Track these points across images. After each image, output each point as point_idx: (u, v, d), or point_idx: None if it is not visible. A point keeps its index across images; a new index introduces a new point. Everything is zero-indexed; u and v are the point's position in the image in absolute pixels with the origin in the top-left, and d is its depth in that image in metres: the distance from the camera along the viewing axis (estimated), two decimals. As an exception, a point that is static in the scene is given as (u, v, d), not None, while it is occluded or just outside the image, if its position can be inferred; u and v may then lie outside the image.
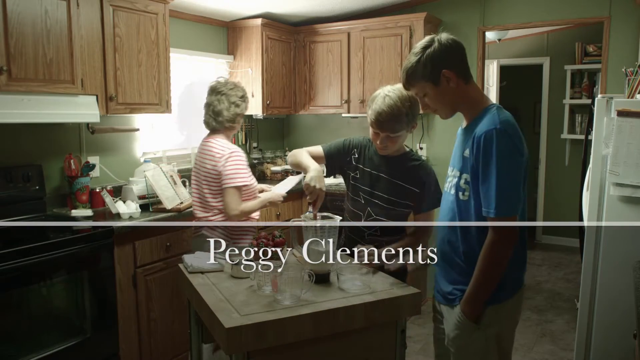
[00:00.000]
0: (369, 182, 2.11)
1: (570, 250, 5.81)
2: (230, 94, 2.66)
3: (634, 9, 3.59)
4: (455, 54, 1.65)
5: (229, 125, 2.68)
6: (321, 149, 2.20)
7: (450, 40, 1.65)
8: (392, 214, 2.08)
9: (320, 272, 1.79)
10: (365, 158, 2.14)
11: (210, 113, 2.68)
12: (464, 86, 1.67)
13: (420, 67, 1.64)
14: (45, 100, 2.52)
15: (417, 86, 1.69)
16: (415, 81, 1.68)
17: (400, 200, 2.07)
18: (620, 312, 2.65)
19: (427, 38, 1.67)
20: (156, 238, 2.85)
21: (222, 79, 2.78)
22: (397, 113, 1.91)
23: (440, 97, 1.67)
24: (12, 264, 2.18)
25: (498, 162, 1.52)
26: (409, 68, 1.67)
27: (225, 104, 2.64)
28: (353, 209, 2.17)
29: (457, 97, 1.67)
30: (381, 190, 2.09)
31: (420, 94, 1.71)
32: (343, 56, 4.23)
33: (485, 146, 1.54)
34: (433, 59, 1.62)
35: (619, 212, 2.62)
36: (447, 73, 1.63)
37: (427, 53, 1.63)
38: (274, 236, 2.02)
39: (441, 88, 1.65)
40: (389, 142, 2.00)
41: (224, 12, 3.88)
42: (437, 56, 1.62)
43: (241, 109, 2.71)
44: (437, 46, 1.63)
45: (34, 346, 2.30)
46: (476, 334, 1.65)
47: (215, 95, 2.67)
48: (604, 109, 2.65)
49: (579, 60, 5.74)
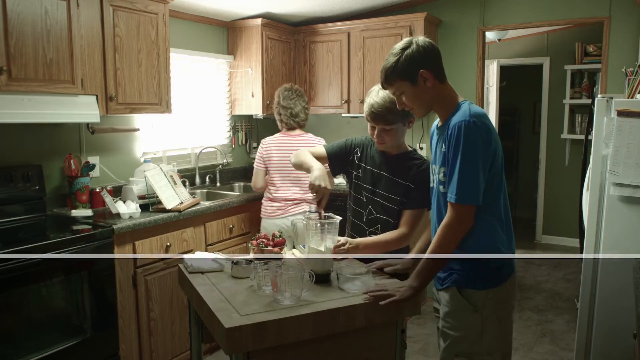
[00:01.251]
0: (371, 180, 2.13)
1: (570, 250, 5.81)
2: (302, 98, 3.39)
3: (634, 9, 3.59)
4: (432, 56, 1.72)
5: (303, 122, 3.40)
6: (324, 149, 2.23)
7: (427, 43, 1.73)
8: (393, 212, 2.08)
9: (321, 272, 1.79)
10: (367, 157, 2.17)
11: (288, 115, 3.33)
12: (439, 86, 1.75)
13: (399, 67, 1.71)
14: (45, 100, 2.52)
15: (395, 85, 1.76)
16: (394, 80, 1.74)
17: (400, 197, 2.07)
18: (620, 312, 2.65)
19: (406, 40, 1.74)
20: (156, 238, 2.85)
21: (288, 85, 3.43)
22: (390, 105, 1.95)
23: (416, 96, 1.75)
24: (12, 264, 2.18)
25: (463, 152, 1.62)
26: (388, 68, 1.73)
27: (300, 106, 3.35)
28: (355, 207, 2.19)
29: (432, 96, 1.75)
30: (382, 188, 2.10)
31: (397, 93, 1.78)
32: (343, 56, 4.23)
33: (457, 136, 1.63)
34: (411, 59, 1.70)
35: (619, 212, 2.62)
36: (425, 73, 1.70)
37: (406, 53, 1.70)
38: (274, 236, 2.03)
39: (418, 87, 1.72)
40: (385, 136, 2.04)
41: (224, 12, 3.88)
42: (415, 57, 1.70)
43: (308, 109, 3.48)
44: (415, 47, 1.70)
45: (34, 346, 2.30)
46: (473, 316, 1.72)
47: (290, 100, 3.33)
48: (604, 109, 2.65)
49: (579, 60, 5.74)
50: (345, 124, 4.66)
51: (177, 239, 2.98)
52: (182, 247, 3.01)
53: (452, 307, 1.75)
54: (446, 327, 1.78)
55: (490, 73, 5.48)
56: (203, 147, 3.99)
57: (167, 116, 3.49)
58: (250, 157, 4.54)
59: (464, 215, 1.65)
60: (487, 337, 1.72)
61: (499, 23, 4.04)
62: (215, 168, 4.11)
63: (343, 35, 4.21)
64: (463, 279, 1.74)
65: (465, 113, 1.65)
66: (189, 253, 2.69)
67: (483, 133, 1.63)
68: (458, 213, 1.65)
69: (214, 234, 3.27)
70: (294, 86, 3.46)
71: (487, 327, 1.72)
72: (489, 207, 1.71)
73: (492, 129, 1.67)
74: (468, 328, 1.73)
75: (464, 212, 1.65)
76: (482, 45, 4.11)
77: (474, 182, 1.63)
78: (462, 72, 4.18)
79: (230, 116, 4.31)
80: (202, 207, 3.16)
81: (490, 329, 1.72)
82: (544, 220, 6.23)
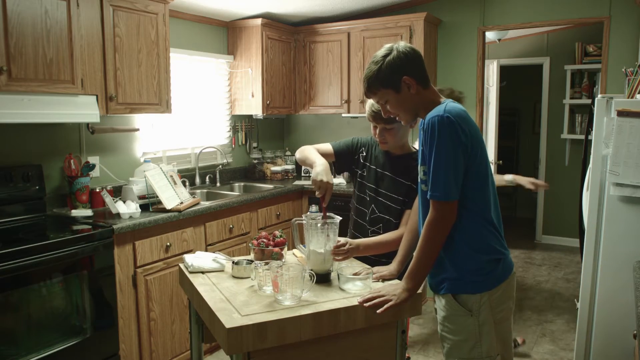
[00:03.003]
0: (374, 179, 2.15)
1: (570, 250, 5.81)
2: None
3: (634, 9, 3.59)
4: (414, 61, 1.70)
5: None
6: (330, 146, 2.24)
7: (408, 48, 1.71)
8: (395, 212, 2.09)
9: (320, 271, 1.79)
10: (372, 156, 2.19)
11: None
12: (423, 91, 1.72)
13: (381, 75, 1.69)
14: (45, 100, 2.52)
15: (378, 94, 1.74)
16: (377, 89, 1.72)
17: (403, 198, 2.08)
18: (620, 312, 2.65)
19: (386, 46, 1.72)
20: (156, 238, 2.85)
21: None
22: None
23: (401, 103, 1.73)
24: (12, 264, 2.18)
25: (437, 148, 1.60)
26: (370, 76, 1.71)
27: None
28: (358, 205, 2.21)
29: (417, 102, 1.73)
30: (385, 188, 2.12)
31: (382, 101, 1.76)
32: (343, 56, 4.23)
33: (430, 132, 1.61)
34: (393, 66, 1.67)
35: (619, 212, 2.63)
36: (407, 80, 1.68)
37: (387, 60, 1.68)
38: (274, 236, 2.03)
39: (402, 94, 1.70)
40: (387, 135, 2.05)
41: (224, 12, 3.88)
42: (397, 63, 1.67)
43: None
44: (396, 54, 1.68)
45: (34, 346, 2.30)
46: (470, 320, 1.70)
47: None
48: (604, 109, 2.65)
49: (579, 60, 5.74)
50: (345, 124, 4.66)
51: (177, 239, 2.98)
52: (182, 247, 3.01)
53: (449, 312, 1.74)
54: (445, 332, 1.77)
55: (490, 73, 5.48)
56: (203, 147, 3.99)
57: (167, 116, 3.49)
58: (250, 157, 4.54)
59: (445, 211, 1.63)
60: (486, 340, 1.70)
61: (499, 23, 4.04)
62: (215, 168, 4.11)
63: (343, 35, 4.21)
64: (455, 285, 1.72)
65: (439, 109, 1.62)
66: (189, 253, 2.69)
67: (457, 127, 1.59)
68: (438, 210, 1.63)
69: (214, 234, 3.27)
70: None
71: (485, 330, 1.70)
72: (476, 206, 1.68)
73: (468, 124, 1.63)
74: (466, 332, 1.71)
75: (443, 208, 1.63)
76: (482, 45, 4.12)
77: (448, 178, 1.60)
78: (462, 72, 4.18)
79: (230, 116, 4.31)
80: (202, 207, 3.16)
81: (488, 332, 1.71)
82: (544, 220, 6.24)
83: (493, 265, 1.72)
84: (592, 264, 2.75)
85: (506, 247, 1.78)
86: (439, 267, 1.74)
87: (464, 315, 1.71)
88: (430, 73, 4.14)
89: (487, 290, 1.71)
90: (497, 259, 1.73)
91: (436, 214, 1.64)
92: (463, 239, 1.69)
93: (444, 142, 1.59)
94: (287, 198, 3.96)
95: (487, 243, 1.71)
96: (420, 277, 1.70)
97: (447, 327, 1.76)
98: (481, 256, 1.70)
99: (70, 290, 2.47)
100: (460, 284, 1.71)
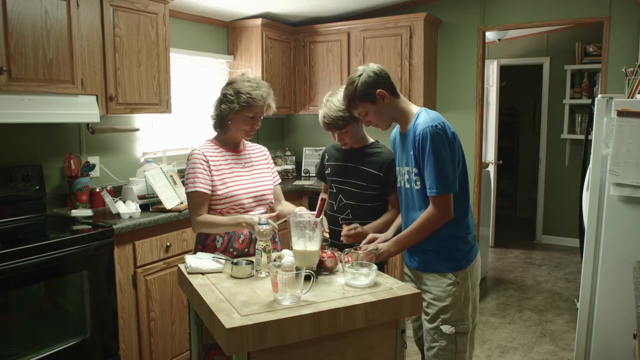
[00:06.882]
0: (338, 173, 2.37)
1: (570, 250, 5.81)
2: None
3: (634, 9, 3.59)
4: (382, 77, 2.01)
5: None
6: (322, 182, 2.51)
7: (377, 68, 2.03)
8: (359, 197, 2.29)
9: (308, 267, 1.79)
10: (332, 156, 2.43)
11: None
12: (395, 101, 2.05)
13: (358, 91, 2.00)
14: (45, 100, 2.52)
15: (358, 108, 2.04)
16: (356, 104, 2.03)
17: (366, 183, 2.29)
18: (620, 312, 2.66)
19: (358, 69, 2.04)
20: (156, 238, 2.85)
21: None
22: (337, 112, 2.18)
23: (378, 113, 2.04)
24: (12, 264, 2.18)
25: (433, 153, 1.90)
26: (349, 95, 2.03)
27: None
28: (329, 200, 2.41)
29: (391, 110, 2.05)
30: (349, 176, 2.33)
31: (362, 114, 2.06)
32: (343, 56, 4.23)
33: (423, 142, 1.92)
34: (367, 83, 1.99)
35: (619, 212, 2.63)
36: (381, 92, 1.99)
37: (361, 79, 1.99)
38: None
39: (378, 105, 2.02)
40: (345, 137, 2.27)
41: (224, 12, 3.88)
42: (370, 81, 1.99)
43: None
44: (367, 73, 2.00)
45: (34, 346, 2.30)
46: (457, 289, 2.00)
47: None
48: (604, 109, 2.65)
49: (579, 60, 5.75)
50: (345, 124, 4.65)
51: (177, 239, 2.98)
52: (182, 247, 3.01)
53: (437, 283, 2.01)
54: (433, 299, 2.01)
55: (490, 73, 5.48)
56: (203, 147, 3.98)
57: (167, 116, 3.49)
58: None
59: (445, 206, 1.93)
60: (469, 304, 2.03)
61: (499, 23, 4.04)
62: (215, 168, 4.10)
63: (343, 35, 4.21)
64: (440, 265, 2.02)
65: (427, 120, 1.93)
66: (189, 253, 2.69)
67: (448, 133, 1.93)
68: (440, 204, 1.92)
69: (214, 234, 3.27)
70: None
71: (467, 296, 2.02)
72: (462, 198, 2.00)
73: (451, 128, 1.98)
74: (453, 298, 1.99)
75: (444, 202, 1.92)
76: (482, 45, 4.12)
77: (448, 174, 1.90)
78: (462, 72, 4.18)
79: (230, 116, 4.30)
80: (202, 207, 3.15)
81: (470, 297, 2.03)
82: (544, 220, 6.24)
83: (469, 248, 2.07)
84: (592, 264, 2.75)
85: (474, 228, 2.15)
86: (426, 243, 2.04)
87: (450, 285, 2.01)
88: (430, 73, 4.16)
89: (465, 268, 2.03)
90: (471, 243, 2.08)
91: (437, 208, 1.93)
92: (447, 227, 1.99)
93: (441, 146, 1.90)
94: (288, 198, 3.93)
95: (468, 229, 2.06)
96: (404, 248, 2.06)
97: (435, 294, 2.04)
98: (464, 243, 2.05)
99: (70, 291, 2.47)
100: (442, 263, 2.03)
